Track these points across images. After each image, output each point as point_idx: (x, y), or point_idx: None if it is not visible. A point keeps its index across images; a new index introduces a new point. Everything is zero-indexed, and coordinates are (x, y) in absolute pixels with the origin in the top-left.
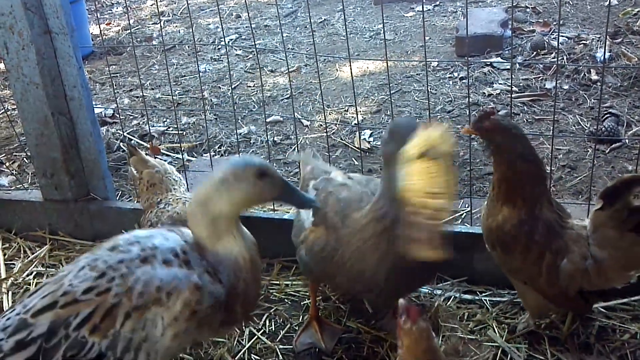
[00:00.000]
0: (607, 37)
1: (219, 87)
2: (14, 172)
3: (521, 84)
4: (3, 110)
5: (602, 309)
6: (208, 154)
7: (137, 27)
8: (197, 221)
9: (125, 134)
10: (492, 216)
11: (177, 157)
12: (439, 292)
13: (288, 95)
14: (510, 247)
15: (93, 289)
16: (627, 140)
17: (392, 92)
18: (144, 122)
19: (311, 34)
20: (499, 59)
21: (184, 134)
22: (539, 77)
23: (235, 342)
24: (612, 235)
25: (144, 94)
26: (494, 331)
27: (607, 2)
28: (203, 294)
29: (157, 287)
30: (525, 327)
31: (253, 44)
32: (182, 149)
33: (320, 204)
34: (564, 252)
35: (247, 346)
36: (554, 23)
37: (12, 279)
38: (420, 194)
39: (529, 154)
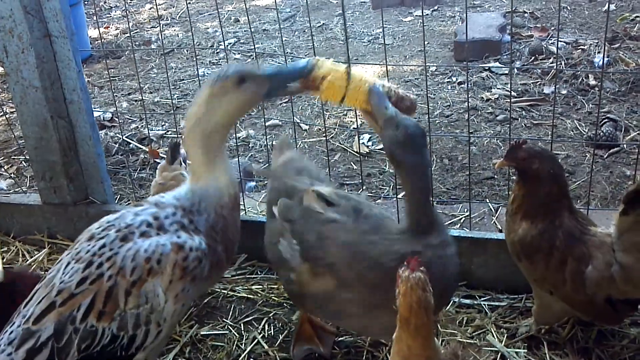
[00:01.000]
0: (605, 42)
1: None
2: (12, 175)
3: (519, 89)
4: (2, 113)
5: None
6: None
7: (135, 31)
8: (193, 142)
9: (124, 137)
10: (513, 231)
11: None
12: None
13: (287, 99)
14: (533, 256)
15: (85, 279)
16: (625, 145)
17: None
18: (142, 126)
19: (309, 38)
20: (497, 63)
21: (183, 137)
22: (537, 82)
23: (234, 347)
24: (637, 240)
25: (143, 98)
26: (493, 336)
27: (605, 8)
28: (186, 250)
29: (145, 258)
30: (527, 331)
31: (252, 47)
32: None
33: (309, 244)
34: (588, 259)
35: (247, 350)
36: (552, 28)
37: None
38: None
39: (559, 174)
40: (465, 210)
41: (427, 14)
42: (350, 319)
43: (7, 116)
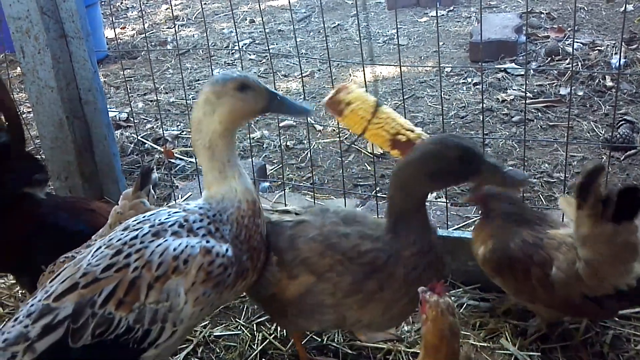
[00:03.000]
0: (622, 43)
1: None
2: None
3: (535, 90)
4: (18, 113)
5: (616, 318)
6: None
7: (151, 32)
8: (199, 150)
9: (139, 137)
10: (476, 254)
11: (190, 161)
12: (451, 299)
13: (301, 100)
14: (500, 272)
15: (112, 266)
16: None
17: (405, 97)
18: (157, 126)
19: (324, 39)
20: (513, 64)
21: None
22: (554, 83)
23: (247, 347)
24: (592, 232)
25: (158, 98)
26: (507, 339)
27: (622, 8)
28: (213, 255)
29: (173, 256)
30: (536, 330)
31: (266, 48)
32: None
33: (282, 249)
34: (550, 262)
35: (257, 350)
36: (569, 29)
37: None
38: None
39: (510, 211)
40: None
41: (443, 15)
42: (329, 312)
43: (23, 116)
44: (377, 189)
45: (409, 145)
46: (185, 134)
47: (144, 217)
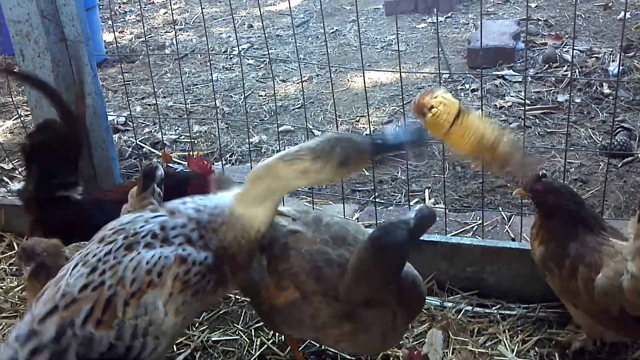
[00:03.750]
0: (621, 50)
1: (231, 96)
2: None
3: (533, 97)
4: (17, 116)
5: None
6: (219, 162)
7: (150, 36)
8: (256, 183)
9: (137, 141)
10: (533, 252)
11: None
12: (449, 304)
13: (299, 105)
14: (550, 269)
15: (88, 285)
16: (639, 155)
17: (403, 103)
18: (156, 130)
19: (322, 44)
20: (510, 71)
21: (196, 142)
22: (551, 90)
23: (245, 352)
24: None
25: (157, 102)
26: (505, 346)
27: (620, 16)
28: (188, 263)
29: (146, 270)
30: (580, 345)
31: (265, 53)
32: (194, 157)
33: (275, 255)
34: (598, 267)
35: (256, 355)
36: (567, 36)
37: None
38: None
39: (575, 210)
40: (478, 218)
41: (441, 21)
42: (308, 331)
43: (22, 119)
44: (376, 194)
45: (493, 153)
46: (183, 138)
47: (120, 224)
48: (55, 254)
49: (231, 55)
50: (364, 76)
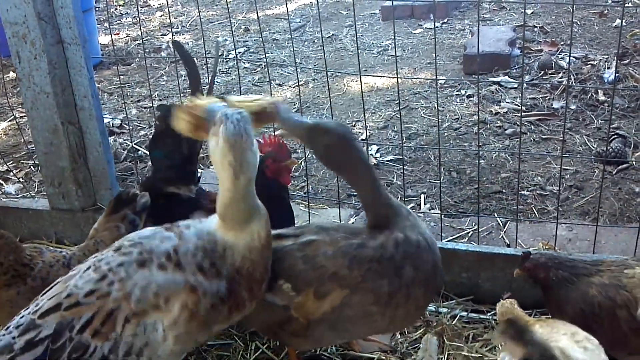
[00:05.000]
0: (617, 58)
1: None
2: (21, 180)
3: (529, 103)
4: (12, 118)
5: None
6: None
7: (146, 38)
8: (236, 191)
9: (133, 144)
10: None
11: None
12: (444, 310)
13: (296, 110)
14: (589, 329)
15: (94, 292)
16: (634, 162)
17: (400, 108)
18: (151, 133)
19: (319, 48)
20: (506, 77)
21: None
22: (547, 96)
23: (239, 356)
24: None
25: (153, 105)
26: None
27: (615, 23)
28: (199, 294)
29: (154, 293)
30: None
31: (261, 57)
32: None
33: (297, 272)
34: (634, 302)
35: (251, 359)
36: (562, 43)
37: None
38: None
39: (565, 278)
40: (473, 224)
41: (437, 27)
42: (374, 320)
43: (17, 121)
44: None
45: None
46: None
47: (139, 237)
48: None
49: (227, 59)
50: (360, 81)
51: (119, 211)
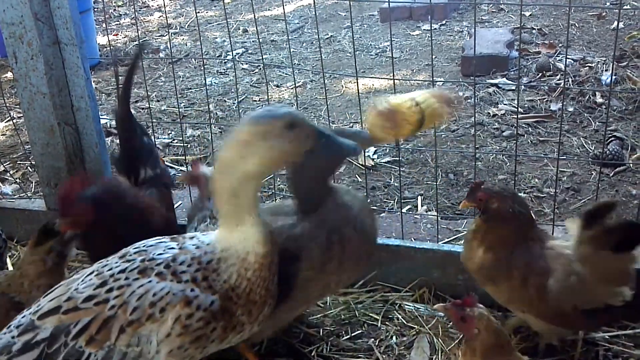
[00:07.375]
0: (614, 60)
1: (225, 101)
2: (17, 180)
3: (526, 105)
4: (9, 118)
5: (607, 336)
6: (213, 167)
7: (144, 39)
8: (221, 192)
9: None
10: (471, 258)
11: (181, 170)
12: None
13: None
14: (495, 280)
15: (93, 297)
16: (631, 164)
17: None
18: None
19: (317, 49)
20: (504, 79)
21: (189, 146)
22: (544, 98)
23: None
24: (589, 252)
25: (150, 106)
26: None
27: (613, 26)
28: (192, 307)
29: (150, 302)
30: (546, 343)
31: (259, 58)
32: (187, 161)
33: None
34: (548, 272)
35: None
36: (560, 45)
37: None
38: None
39: (519, 212)
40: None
41: (435, 29)
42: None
43: (14, 121)
44: (368, 200)
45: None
46: (177, 143)
47: (145, 246)
48: None
49: (225, 60)
50: (357, 82)
51: (44, 243)
